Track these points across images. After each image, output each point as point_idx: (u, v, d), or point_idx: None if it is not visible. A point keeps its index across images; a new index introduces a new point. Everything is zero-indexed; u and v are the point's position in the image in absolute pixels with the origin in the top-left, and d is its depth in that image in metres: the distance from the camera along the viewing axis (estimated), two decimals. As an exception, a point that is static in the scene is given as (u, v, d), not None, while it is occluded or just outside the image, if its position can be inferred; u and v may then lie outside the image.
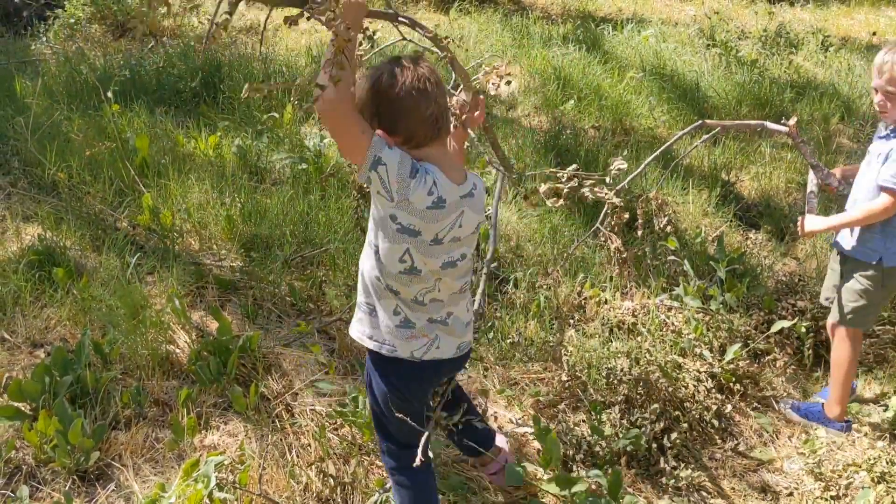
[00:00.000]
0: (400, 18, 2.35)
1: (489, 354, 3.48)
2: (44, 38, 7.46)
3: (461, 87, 2.38)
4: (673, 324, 3.72)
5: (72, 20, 7.59)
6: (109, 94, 4.93)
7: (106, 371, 3.08)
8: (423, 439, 2.19)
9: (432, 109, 1.92)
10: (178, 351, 3.29)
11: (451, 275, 2.07)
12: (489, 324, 3.58)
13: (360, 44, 2.36)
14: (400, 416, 2.16)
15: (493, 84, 2.66)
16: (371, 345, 2.14)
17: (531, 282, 3.86)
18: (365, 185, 1.91)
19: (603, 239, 3.48)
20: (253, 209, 4.14)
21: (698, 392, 3.38)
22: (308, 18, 1.94)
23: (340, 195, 4.32)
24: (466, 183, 2.04)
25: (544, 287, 3.85)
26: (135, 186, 4.30)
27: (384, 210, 1.94)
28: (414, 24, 2.39)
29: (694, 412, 3.30)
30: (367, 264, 2.09)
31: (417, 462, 2.13)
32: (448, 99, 2.06)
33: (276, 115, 5.27)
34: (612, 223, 3.27)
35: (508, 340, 3.52)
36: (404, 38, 2.73)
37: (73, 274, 3.57)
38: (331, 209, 4.23)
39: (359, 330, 2.18)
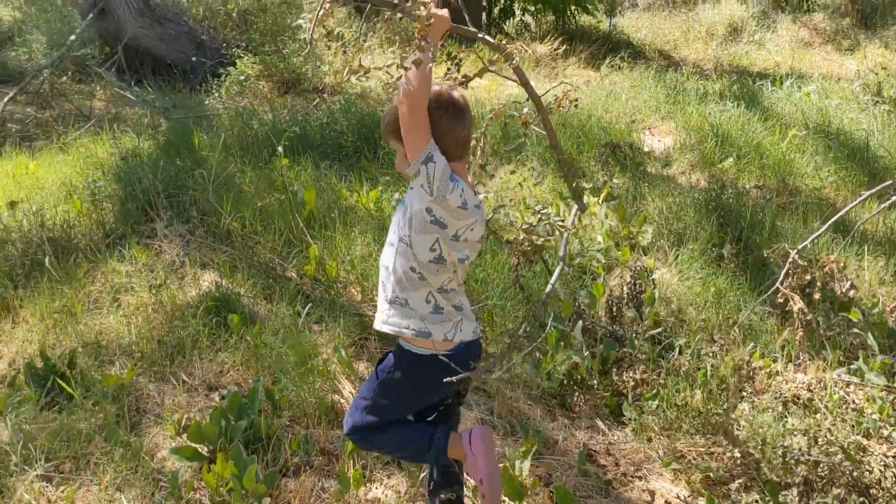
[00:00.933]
0: (479, 36, 2.52)
1: (654, 423, 3.36)
2: (216, 94, 8.03)
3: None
4: (854, 401, 3.46)
5: (241, 77, 8.13)
6: (280, 149, 5.22)
7: (276, 418, 3.18)
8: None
9: (465, 134, 2.35)
10: (342, 401, 3.36)
11: (461, 269, 2.41)
12: (653, 391, 3.46)
13: (449, 69, 2.60)
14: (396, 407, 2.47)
15: (563, 108, 2.75)
16: (409, 333, 2.37)
17: (696, 349, 3.71)
18: (411, 176, 2.27)
19: (782, 300, 3.30)
20: (413, 263, 4.21)
21: (885, 478, 3.11)
22: (400, 18, 2.29)
23: (497, 251, 4.34)
24: (478, 196, 2.41)
25: (710, 355, 3.69)
26: (302, 238, 4.48)
27: (422, 203, 2.27)
28: (493, 45, 2.50)
29: (881, 500, 3.04)
30: (399, 260, 2.35)
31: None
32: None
33: (433, 170, 5.39)
34: (793, 283, 3.10)
35: (674, 410, 3.39)
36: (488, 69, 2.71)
37: (247, 320, 3.75)
38: (487, 265, 4.25)
39: (394, 323, 2.39)
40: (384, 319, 2.41)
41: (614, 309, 3.92)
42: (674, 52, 10.08)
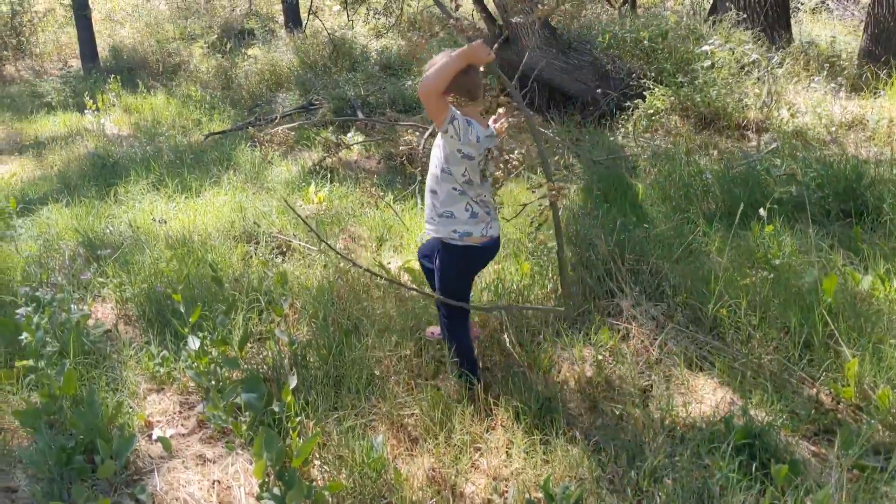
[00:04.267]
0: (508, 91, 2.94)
1: None
2: (623, 130, 7.19)
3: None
4: None
5: (650, 111, 7.21)
6: (762, 212, 4.17)
7: None
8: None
9: (479, 80, 3.06)
10: None
11: (486, 184, 3.16)
12: None
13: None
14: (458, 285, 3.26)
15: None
16: (455, 236, 3.14)
17: None
18: (442, 132, 2.97)
19: None
20: None
21: None
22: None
23: None
24: (489, 129, 3.14)
25: None
26: (828, 342, 3.36)
27: (453, 147, 3.02)
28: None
29: None
30: (441, 186, 3.13)
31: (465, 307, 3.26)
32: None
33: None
34: None
35: None
36: None
37: (795, 472, 2.69)
38: None
39: (445, 230, 3.15)
40: (436, 229, 3.16)
41: None
42: None
